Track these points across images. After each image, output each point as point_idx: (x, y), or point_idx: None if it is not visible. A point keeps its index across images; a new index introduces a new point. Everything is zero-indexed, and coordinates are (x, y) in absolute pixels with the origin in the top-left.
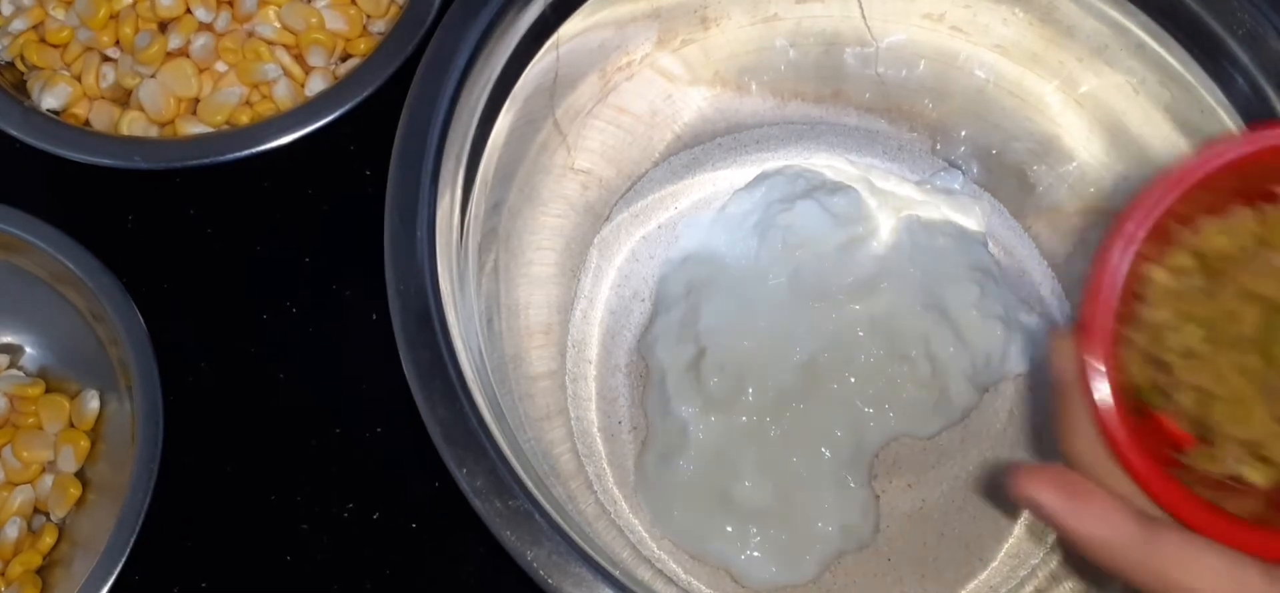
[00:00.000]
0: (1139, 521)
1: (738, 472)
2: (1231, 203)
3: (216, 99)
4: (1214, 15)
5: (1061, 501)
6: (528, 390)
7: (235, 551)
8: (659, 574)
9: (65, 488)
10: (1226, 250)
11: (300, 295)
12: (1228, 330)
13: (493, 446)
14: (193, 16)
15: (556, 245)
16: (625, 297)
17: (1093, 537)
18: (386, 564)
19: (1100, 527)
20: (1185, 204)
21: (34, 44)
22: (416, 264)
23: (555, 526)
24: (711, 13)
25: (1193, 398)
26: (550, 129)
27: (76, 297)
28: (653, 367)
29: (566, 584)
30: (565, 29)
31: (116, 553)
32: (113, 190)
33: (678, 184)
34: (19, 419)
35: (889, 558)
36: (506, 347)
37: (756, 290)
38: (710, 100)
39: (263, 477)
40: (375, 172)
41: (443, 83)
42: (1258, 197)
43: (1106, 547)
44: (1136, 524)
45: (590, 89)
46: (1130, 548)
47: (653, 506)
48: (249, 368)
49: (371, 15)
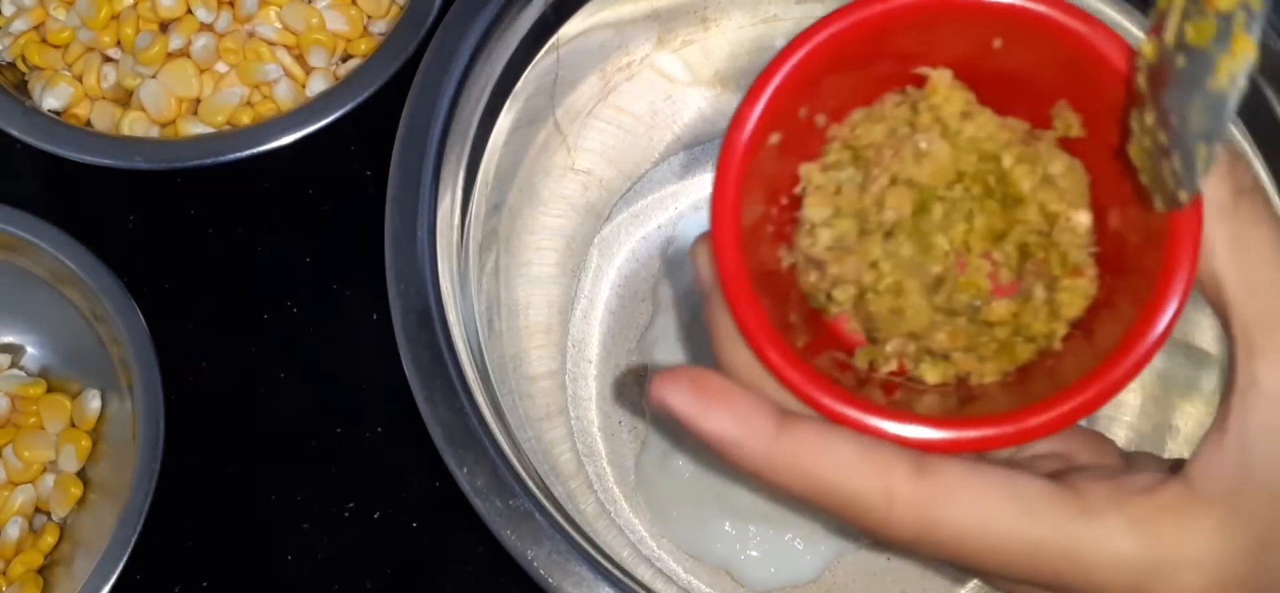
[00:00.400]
0: (775, 415)
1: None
2: (884, 89)
3: (217, 99)
4: None
5: (691, 400)
6: (528, 390)
7: (235, 550)
8: (659, 574)
9: (66, 488)
10: (877, 139)
11: (300, 295)
12: (879, 220)
13: (493, 445)
14: (194, 17)
15: (557, 245)
16: (625, 297)
17: (723, 435)
18: (386, 564)
19: (731, 425)
20: (831, 96)
21: (35, 44)
22: (417, 264)
23: (555, 525)
24: (711, 13)
25: (851, 296)
26: (550, 129)
27: (78, 297)
28: (652, 367)
29: (566, 584)
30: (565, 29)
31: (118, 553)
32: (114, 190)
33: (678, 184)
34: (20, 419)
35: (889, 558)
36: (507, 347)
37: None
38: (710, 100)
39: (263, 477)
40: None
41: (443, 83)
42: (908, 79)
43: (738, 446)
44: (772, 419)
45: (590, 89)
46: (763, 442)
47: (651, 506)
48: (249, 368)
49: (372, 16)
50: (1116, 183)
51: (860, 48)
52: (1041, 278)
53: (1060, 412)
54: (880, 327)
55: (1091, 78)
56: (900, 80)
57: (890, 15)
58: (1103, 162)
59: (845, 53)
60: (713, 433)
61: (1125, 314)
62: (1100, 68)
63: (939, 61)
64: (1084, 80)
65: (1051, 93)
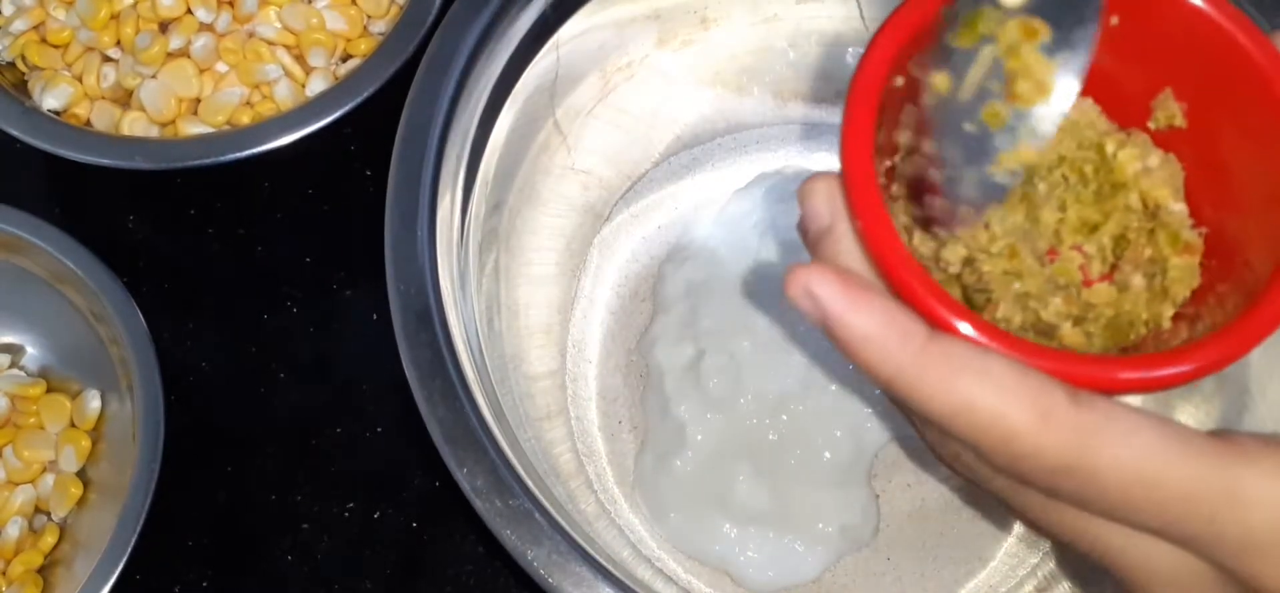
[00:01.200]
0: (924, 325)
1: (737, 473)
2: None
3: (217, 99)
4: None
5: (838, 292)
6: (528, 390)
7: (235, 551)
8: (659, 574)
9: (66, 488)
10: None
11: (300, 295)
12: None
13: (493, 445)
14: (193, 17)
15: (557, 245)
16: (625, 297)
17: (870, 334)
18: (386, 564)
19: (880, 323)
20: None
21: (35, 44)
22: (416, 264)
23: (555, 525)
24: (711, 13)
25: (961, 257)
26: (550, 129)
27: (78, 297)
28: (652, 367)
29: (566, 584)
30: (565, 29)
31: (117, 553)
32: (114, 190)
33: (678, 184)
34: (20, 419)
35: (889, 558)
36: (506, 347)
37: (756, 291)
38: (710, 100)
39: (263, 477)
40: (375, 172)
41: (443, 83)
42: None
43: (883, 347)
44: (922, 327)
45: (590, 89)
46: (911, 348)
47: (650, 507)
48: (249, 368)
49: (372, 15)
50: (1212, 176)
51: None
52: (1139, 267)
53: (1216, 353)
54: (994, 288)
55: (1210, 61)
56: None
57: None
58: (1200, 154)
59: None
60: (858, 330)
61: (1229, 302)
62: (1225, 51)
63: None
64: (1200, 64)
65: (1158, 79)
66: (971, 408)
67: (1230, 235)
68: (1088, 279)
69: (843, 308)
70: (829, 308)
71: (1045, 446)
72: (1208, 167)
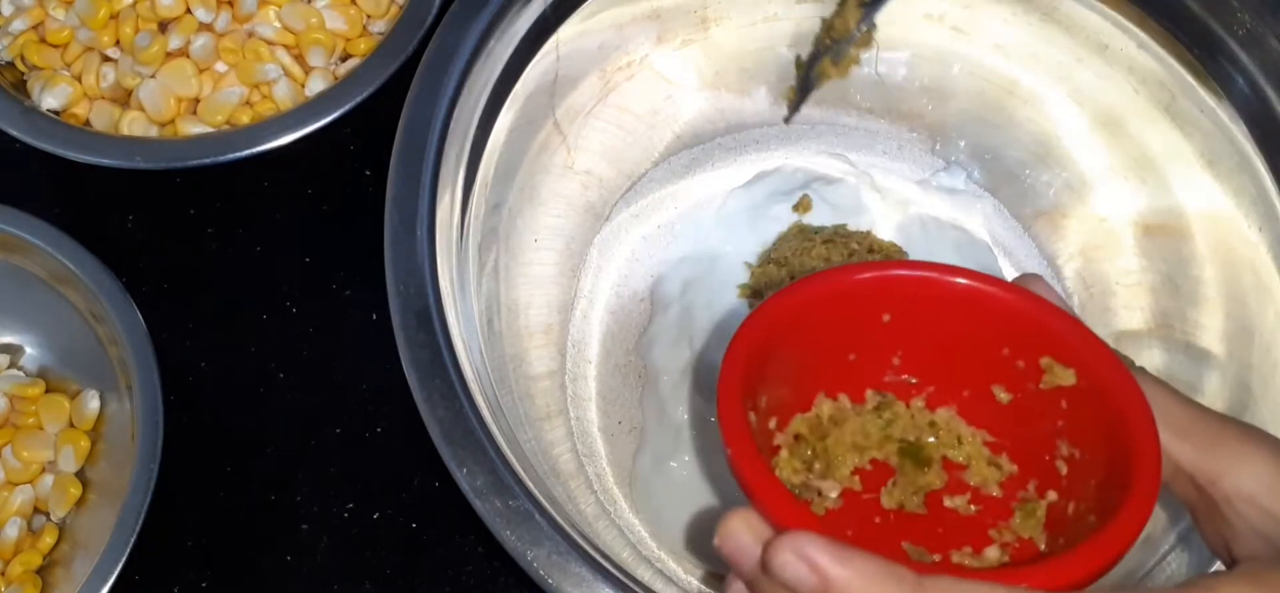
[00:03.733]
0: (912, 573)
1: None
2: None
3: (217, 99)
4: (1214, 15)
5: (830, 547)
6: (528, 390)
7: (235, 551)
8: (659, 574)
9: (65, 488)
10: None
11: (300, 295)
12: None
13: (493, 445)
14: (193, 17)
15: (556, 245)
16: (625, 297)
17: (876, 571)
18: (386, 564)
19: (876, 569)
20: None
21: (34, 44)
22: (416, 264)
23: (555, 525)
24: (711, 13)
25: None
26: (550, 129)
27: (77, 297)
28: (650, 368)
29: (566, 584)
30: (565, 29)
31: (116, 553)
32: (113, 190)
33: (678, 184)
34: (19, 419)
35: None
36: (506, 347)
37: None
38: (710, 100)
39: (263, 477)
40: (375, 172)
41: (443, 83)
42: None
43: (886, 586)
44: (910, 572)
45: (590, 89)
46: (910, 582)
47: (648, 509)
48: (249, 368)
49: (371, 15)
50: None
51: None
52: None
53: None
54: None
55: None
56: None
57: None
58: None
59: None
60: (867, 573)
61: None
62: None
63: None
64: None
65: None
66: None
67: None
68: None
69: (834, 558)
70: (822, 562)
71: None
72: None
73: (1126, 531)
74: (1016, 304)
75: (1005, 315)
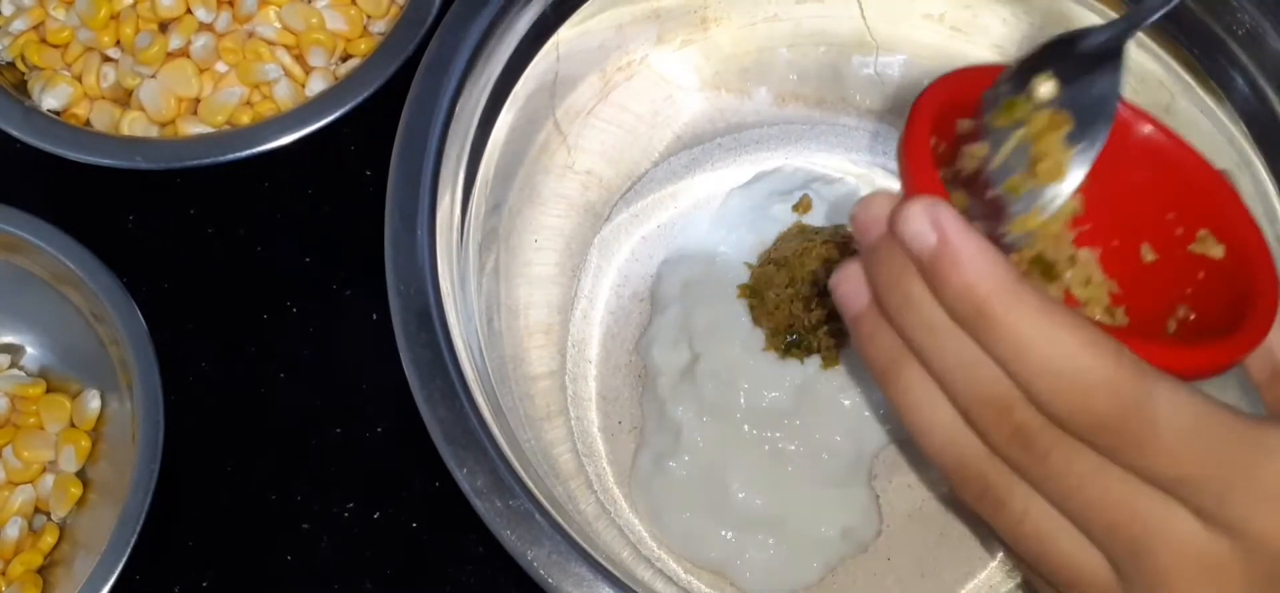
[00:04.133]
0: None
1: (735, 477)
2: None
3: (217, 99)
4: (1214, 15)
5: (955, 217)
6: (528, 390)
7: (235, 550)
8: (659, 574)
9: (66, 488)
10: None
11: (300, 295)
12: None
13: (493, 445)
14: (193, 17)
15: (556, 245)
16: (625, 297)
17: (979, 250)
18: (386, 564)
19: (986, 247)
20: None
21: (35, 44)
22: (416, 264)
23: (555, 525)
24: (711, 13)
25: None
26: (550, 129)
27: (77, 297)
28: (649, 368)
29: (566, 584)
30: (565, 29)
31: (117, 553)
32: (113, 190)
33: (678, 184)
34: (20, 419)
35: (889, 558)
36: (506, 347)
37: None
38: (710, 100)
39: (263, 477)
40: (375, 172)
41: (443, 83)
42: None
43: (991, 266)
44: (1014, 268)
45: (590, 89)
46: (1013, 276)
47: (647, 510)
48: (249, 368)
49: (372, 15)
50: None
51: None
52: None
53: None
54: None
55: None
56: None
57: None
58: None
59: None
60: (970, 248)
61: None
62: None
63: None
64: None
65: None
66: (1059, 339)
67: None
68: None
69: (959, 228)
70: (948, 226)
71: (1120, 384)
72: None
73: (1236, 346)
74: (1202, 173)
75: (1186, 180)
